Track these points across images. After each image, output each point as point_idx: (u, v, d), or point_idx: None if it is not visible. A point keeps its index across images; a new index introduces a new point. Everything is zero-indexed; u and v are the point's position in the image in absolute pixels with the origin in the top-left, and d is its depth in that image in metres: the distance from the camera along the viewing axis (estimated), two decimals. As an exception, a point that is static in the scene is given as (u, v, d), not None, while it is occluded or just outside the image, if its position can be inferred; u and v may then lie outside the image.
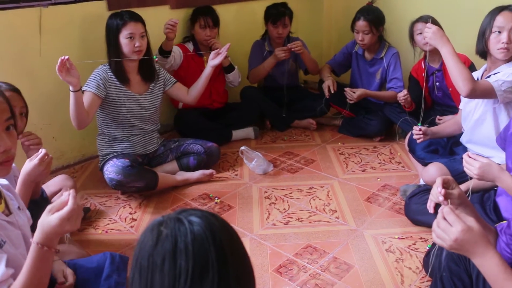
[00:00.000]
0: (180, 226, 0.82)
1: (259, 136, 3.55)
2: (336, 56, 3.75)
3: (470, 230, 1.17)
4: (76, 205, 1.17)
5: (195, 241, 0.80)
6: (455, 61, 2.18)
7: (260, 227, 2.41)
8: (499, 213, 2.03)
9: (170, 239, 0.81)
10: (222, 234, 0.84)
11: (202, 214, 0.85)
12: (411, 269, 2.06)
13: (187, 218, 0.83)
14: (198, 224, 0.82)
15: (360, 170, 2.98)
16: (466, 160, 1.75)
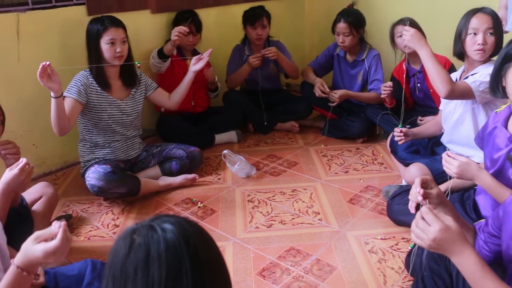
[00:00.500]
0: (153, 234, 0.81)
1: (242, 139, 3.55)
2: (318, 58, 3.77)
3: (448, 229, 1.18)
4: (65, 240, 1.13)
5: (168, 249, 0.79)
6: (433, 63, 2.20)
7: (243, 230, 2.40)
8: (478, 211, 2.05)
9: (142, 248, 0.80)
10: (196, 240, 0.83)
11: (175, 220, 0.84)
12: (393, 269, 2.07)
13: (160, 226, 0.82)
14: (171, 231, 0.81)
15: (343, 172, 3.00)
16: (446, 159, 1.77)
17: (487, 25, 2.15)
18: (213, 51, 3.56)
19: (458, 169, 1.73)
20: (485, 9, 2.19)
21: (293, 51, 4.44)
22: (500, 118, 1.83)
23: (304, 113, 3.71)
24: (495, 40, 2.17)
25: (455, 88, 2.19)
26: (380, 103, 3.46)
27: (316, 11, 4.50)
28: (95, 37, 2.58)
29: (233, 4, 3.98)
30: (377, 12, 4.04)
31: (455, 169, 1.73)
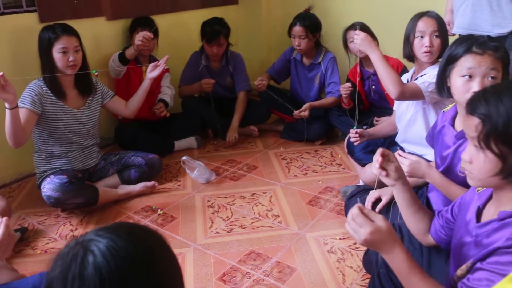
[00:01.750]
0: (85, 256, 0.76)
1: (202, 145, 3.55)
2: (275, 64, 3.80)
3: (377, 231, 1.21)
4: (7, 235, 1.11)
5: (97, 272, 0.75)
6: (384, 65, 2.26)
7: (204, 236, 2.40)
8: (431, 208, 2.11)
9: (72, 271, 0.75)
10: (132, 264, 0.78)
11: (107, 243, 0.78)
12: (352, 268, 2.11)
13: (92, 248, 0.77)
14: (102, 255, 0.76)
15: (302, 174, 3.03)
16: (397, 158, 1.81)
17: (432, 28, 2.23)
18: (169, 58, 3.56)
19: (409, 167, 1.79)
20: (430, 13, 2.27)
21: (252, 55, 4.50)
22: (448, 117, 1.90)
23: (263, 117, 3.74)
24: (441, 42, 2.25)
25: (405, 89, 2.26)
26: (338, 105, 3.53)
27: (273, 15, 4.55)
28: (46, 46, 2.52)
29: (190, 10, 3.98)
30: (332, 16, 4.12)
31: (406, 168, 1.78)
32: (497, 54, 1.75)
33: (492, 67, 1.77)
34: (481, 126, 1.12)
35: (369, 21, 3.74)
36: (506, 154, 1.10)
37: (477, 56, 1.80)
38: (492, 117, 1.09)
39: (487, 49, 1.77)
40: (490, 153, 1.12)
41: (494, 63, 1.75)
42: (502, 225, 1.16)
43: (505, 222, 1.15)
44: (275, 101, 3.55)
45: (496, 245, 1.14)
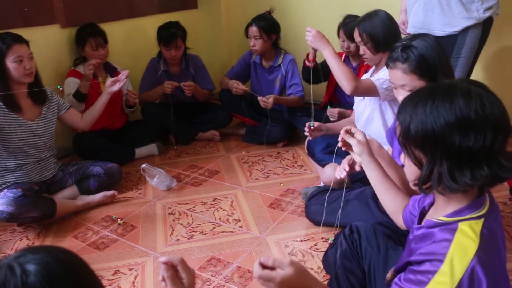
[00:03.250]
0: (11, 277, 0.72)
1: (163, 151, 3.50)
2: (234, 68, 3.79)
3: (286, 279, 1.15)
4: None
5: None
6: (336, 61, 2.28)
7: (164, 244, 2.36)
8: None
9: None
10: (64, 283, 0.75)
11: (41, 259, 0.75)
12: (313, 269, 2.11)
13: (22, 267, 0.73)
14: (33, 274, 0.72)
15: (264, 177, 3.02)
16: (344, 136, 1.72)
17: (357, 39, 2.39)
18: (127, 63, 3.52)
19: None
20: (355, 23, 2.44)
21: (213, 59, 4.48)
22: None
23: (224, 121, 3.72)
24: (368, 48, 2.37)
25: (359, 85, 2.29)
26: (300, 106, 3.54)
27: (233, 18, 4.54)
28: None
29: (148, 15, 3.94)
30: (293, 18, 4.14)
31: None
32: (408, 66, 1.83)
33: (401, 83, 1.85)
34: (399, 130, 1.14)
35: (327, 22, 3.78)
36: (422, 160, 1.11)
37: (390, 70, 1.90)
38: (405, 123, 1.11)
39: (397, 62, 1.86)
40: (408, 158, 1.14)
41: (404, 79, 1.85)
42: (425, 235, 1.16)
43: (428, 232, 1.15)
44: (236, 104, 3.54)
45: (409, 258, 1.15)
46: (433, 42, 1.84)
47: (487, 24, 2.68)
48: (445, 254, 1.03)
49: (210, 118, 3.68)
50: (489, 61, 3.50)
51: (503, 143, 1.04)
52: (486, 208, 1.12)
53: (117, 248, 2.35)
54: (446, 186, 1.07)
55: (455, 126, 1.03)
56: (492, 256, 1.05)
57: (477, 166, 1.04)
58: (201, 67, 3.72)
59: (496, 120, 1.03)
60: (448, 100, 1.05)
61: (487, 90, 1.08)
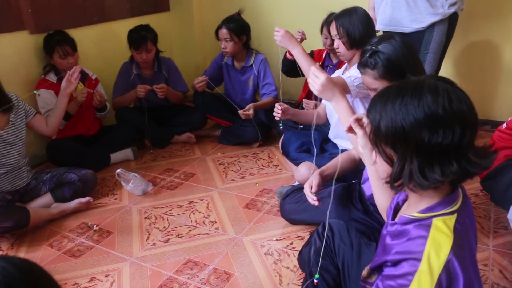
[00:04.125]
0: None
1: (139, 156, 3.49)
2: (207, 71, 3.78)
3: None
4: None
5: None
6: (306, 60, 2.30)
7: (140, 249, 2.36)
8: (363, 200, 2.16)
9: None
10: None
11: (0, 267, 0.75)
12: (289, 268, 2.12)
13: None
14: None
15: (239, 178, 3.03)
16: (313, 71, 1.81)
17: (333, 32, 2.41)
18: (99, 68, 3.49)
19: (325, 82, 1.77)
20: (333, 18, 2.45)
21: (187, 61, 4.48)
22: None
23: (199, 124, 3.71)
24: (343, 42, 2.42)
25: None
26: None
27: (206, 20, 4.53)
28: None
29: (119, 19, 3.91)
30: (264, 18, 4.15)
31: (320, 82, 1.77)
32: (377, 72, 1.87)
33: (373, 87, 1.90)
34: (369, 127, 1.15)
35: (299, 21, 3.81)
36: (393, 157, 1.11)
37: (362, 75, 1.97)
38: (375, 121, 1.12)
39: (366, 68, 1.91)
40: (379, 156, 1.15)
41: (375, 84, 1.89)
42: (400, 232, 1.17)
43: (403, 229, 1.16)
44: (210, 106, 3.55)
45: (386, 257, 1.15)
46: (399, 43, 1.87)
47: (453, 19, 2.73)
48: (421, 252, 1.04)
49: (185, 121, 3.68)
50: (458, 56, 3.57)
51: (472, 138, 1.05)
52: (459, 203, 1.13)
53: (93, 255, 2.34)
54: (416, 183, 1.07)
55: (424, 122, 1.03)
56: (465, 250, 1.07)
57: (447, 162, 1.04)
58: (174, 70, 3.72)
59: (464, 115, 1.04)
60: (417, 97, 1.05)
61: (454, 86, 1.09)
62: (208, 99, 3.61)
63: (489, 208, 2.54)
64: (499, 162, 2.53)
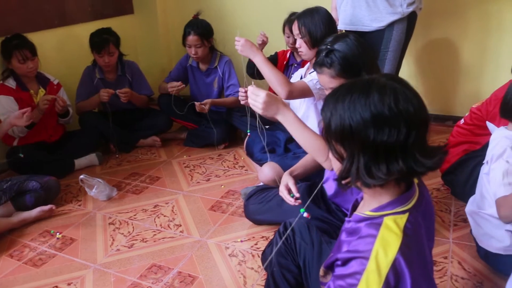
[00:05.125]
0: None
1: (104, 161, 3.44)
2: (172, 73, 3.77)
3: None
4: None
5: None
6: (268, 68, 2.29)
7: (104, 255, 2.33)
8: (326, 199, 2.17)
9: None
10: None
11: None
12: (253, 269, 2.13)
13: None
14: None
15: (205, 180, 3.02)
16: (251, 91, 1.74)
17: (295, 32, 2.43)
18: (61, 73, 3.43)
19: (266, 98, 1.70)
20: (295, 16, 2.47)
21: (152, 64, 4.44)
22: None
23: (165, 127, 3.69)
24: (305, 41, 2.43)
25: (294, 88, 2.30)
26: (239, 106, 3.56)
27: (170, 23, 4.50)
28: None
29: (81, 23, 3.85)
30: (226, 19, 4.15)
31: (261, 100, 1.70)
32: (333, 71, 1.90)
33: (331, 86, 1.92)
34: (322, 125, 1.16)
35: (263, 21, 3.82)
36: (343, 155, 1.12)
37: (318, 75, 1.99)
38: (327, 118, 1.12)
39: (323, 67, 1.93)
40: (331, 153, 1.16)
41: (332, 82, 1.91)
42: (354, 229, 1.17)
43: (356, 227, 1.16)
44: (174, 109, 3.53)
45: (337, 254, 1.16)
46: (353, 42, 1.89)
47: (412, 18, 2.77)
48: (370, 250, 1.05)
49: (150, 124, 3.65)
50: (419, 54, 3.63)
51: (419, 138, 1.06)
52: (413, 202, 1.14)
53: (55, 263, 2.30)
54: (362, 181, 1.08)
55: (370, 121, 1.04)
56: (414, 250, 1.07)
57: (392, 160, 1.05)
58: (137, 73, 3.68)
59: (410, 115, 1.04)
60: (364, 96, 1.06)
61: (404, 86, 1.09)
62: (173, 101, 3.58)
63: (450, 202, 2.59)
64: (459, 157, 2.59)
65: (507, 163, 1.82)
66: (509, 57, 3.30)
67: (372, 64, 1.95)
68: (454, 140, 2.66)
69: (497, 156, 1.89)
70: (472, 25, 3.41)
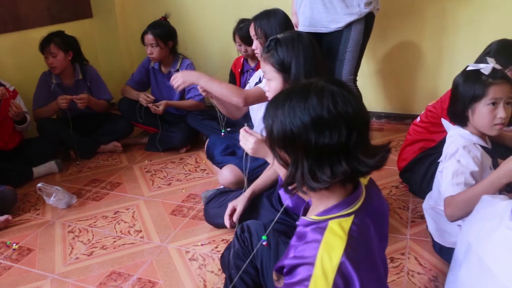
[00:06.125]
0: None
1: (64, 168, 3.37)
2: (134, 75, 3.74)
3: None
4: None
5: None
6: (216, 84, 2.26)
7: (63, 264, 2.28)
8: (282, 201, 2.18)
9: None
10: None
11: None
12: (213, 272, 2.13)
13: None
14: None
15: (166, 185, 3.00)
16: (243, 134, 1.75)
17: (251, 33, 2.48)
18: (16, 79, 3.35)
19: (254, 145, 1.71)
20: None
21: (113, 68, 4.40)
22: None
23: (125, 132, 3.65)
24: (260, 43, 2.45)
25: (248, 95, 2.29)
26: (200, 109, 3.56)
27: (131, 25, 4.46)
28: None
29: (38, 27, 3.77)
30: (191, 23, 4.15)
31: (251, 145, 1.72)
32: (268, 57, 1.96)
33: (264, 70, 1.98)
34: (265, 131, 1.16)
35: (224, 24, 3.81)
36: (288, 161, 1.11)
37: (262, 66, 2.03)
38: (268, 125, 1.12)
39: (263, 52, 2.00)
40: (276, 160, 1.15)
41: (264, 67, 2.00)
42: (301, 234, 1.16)
43: (303, 232, 1.16)
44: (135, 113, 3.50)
45: (283, 261, 1.15)
46: (298, 41, 1.91)
47: (369, 19, 2.82)
48: (315, 256, 1.04)
49: (111, 129, 3.60)
50: (379, 54, 3.69)
51: (360, 138, 1.06)
52: (359, 204, 1.14)
53: (11, 275, 2.24)
54: (308, 186, 1.08)
55: (310, 125, 1.04)
56: (361, 252, 1.08)
57: (336, 162, 1.05)
58: (96, 78, 3.62)
59: (349, 116, 1.05)
60: (303, 100, 1.06)
61: (342, 87, 1.09)
62: (133, 106, 3.54)
63: (408, 199, 2.64)
64: (415, 155, 2.64)
65: (458, 162, 1.87)
66: (465, 54, 3.38)
67: (317, 65, 1.96)
68: (411, 138, 2.72)
69: (450, 154, 1.93)
70: (428, 24, 3.49)
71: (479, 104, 1.83)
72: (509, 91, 1.82)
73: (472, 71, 1.87)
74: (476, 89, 1.82)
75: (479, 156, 1.88)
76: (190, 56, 3.74)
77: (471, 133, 1.92)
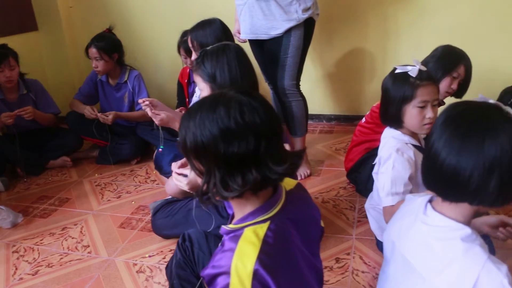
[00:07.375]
0: None
1: (11, 186, 3.28)
2: (82, 88, 3.69)
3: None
4: None
5: None
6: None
7: (5, 286, 2.23)
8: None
9: None
10: None
11: None
12: (160, 283, 2.12)
13: None
14: None
15: (116, 197, 2.97)
16: (175, 177, 1.76)
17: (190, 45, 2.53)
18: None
19: (189, 185, 1.72)
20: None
21: (62, 82, 4.33)
22: None
23: (75, 146, 3.59)
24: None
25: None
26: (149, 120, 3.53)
27: (78, 38, 4.39)
28: None
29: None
30: (138, 33, 4.13)
31: (186, 186, 1.73)
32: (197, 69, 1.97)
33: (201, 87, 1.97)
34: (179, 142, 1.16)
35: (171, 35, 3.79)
36: (203, 171, 1.11)
37: (195, 77, 2.04)
38: (182, 136, 1.12)
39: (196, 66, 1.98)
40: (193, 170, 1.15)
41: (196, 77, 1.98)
42: (222, 242, 1.18)
43: (223, 240, 1.17)
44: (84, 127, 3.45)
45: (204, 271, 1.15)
46: (223, 52, 1.94)
47: (309, 24, 2.86)
48: (229, 265, 1.05)
49: (60, 144, 3.53)
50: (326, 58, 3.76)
51: (269, 146, 1.08)
52: (277, 209, 1.15)
53: (-49, 300, 2.18)
54: (220, 195, 1.09)
55: (219, 136, 1.05)
56: (278, 257, 1.08)
57: (246, 171, 1.06)
58: (41, 91, 3.55)
59: (257, 126, 1.06)
60: (212, 111, 1.07)
61: (252, 97, 1.11)
62: (82, 119, 3.49)
63: (355, 199, 2.69)
64: (361, 155, 2.69)
65: (394, 169, 1.91)
66: (407, 57, 3.47)
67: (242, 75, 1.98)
68: (357, 139, 2.77)
69: (384, 160, 1.98)
70: (372, 28, 3.58)
71: (408, 106, 1.89)
72: (435, 92, 1.89)
73: (400, 74, 1.93)
74: (405, 91, 1.88)
75: (412, 156, 1.93)
76: (139, 67, 3.73)
77: (402, 133, 1.98)
